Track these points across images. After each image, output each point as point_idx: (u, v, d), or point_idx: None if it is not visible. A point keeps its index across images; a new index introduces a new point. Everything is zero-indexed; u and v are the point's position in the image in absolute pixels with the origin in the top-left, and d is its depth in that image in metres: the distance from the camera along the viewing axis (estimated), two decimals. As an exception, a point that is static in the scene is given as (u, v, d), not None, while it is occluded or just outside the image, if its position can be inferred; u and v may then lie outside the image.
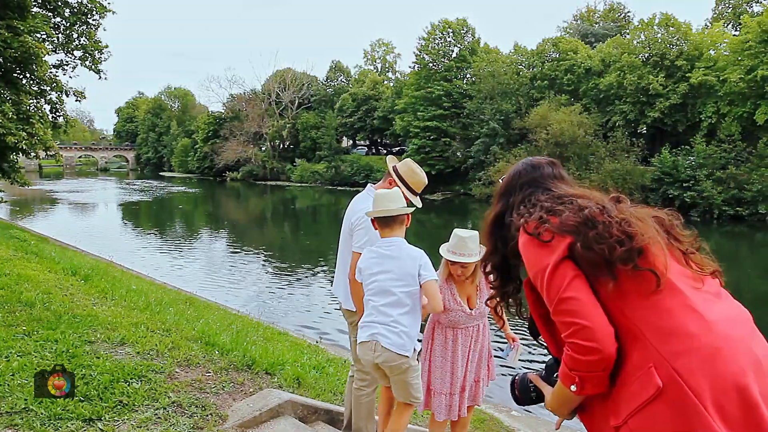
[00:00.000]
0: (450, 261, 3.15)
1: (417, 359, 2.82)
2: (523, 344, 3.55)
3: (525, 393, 1.74)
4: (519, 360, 3.47)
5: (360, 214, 3.16)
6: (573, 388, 1.47)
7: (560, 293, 1.45)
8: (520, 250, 1.63)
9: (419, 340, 2.98)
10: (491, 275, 1.85)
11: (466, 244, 3.09)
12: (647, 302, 1.44)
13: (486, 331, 3.43)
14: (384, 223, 2.84)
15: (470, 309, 3.25)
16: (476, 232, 3.13)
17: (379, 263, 2.80)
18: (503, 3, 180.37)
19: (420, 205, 3.24)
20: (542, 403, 1.70)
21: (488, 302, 1.84)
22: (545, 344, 1.66)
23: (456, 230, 3.17)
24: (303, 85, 62.92)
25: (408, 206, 2.95)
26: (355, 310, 3.24)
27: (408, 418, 3.01)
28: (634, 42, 38.53)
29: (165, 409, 3.08)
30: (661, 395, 1.35)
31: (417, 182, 3.23)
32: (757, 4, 41.11)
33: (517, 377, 1.78)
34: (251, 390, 3.62)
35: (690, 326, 1.38)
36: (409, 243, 2.92)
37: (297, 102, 62.91)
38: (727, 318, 1.43)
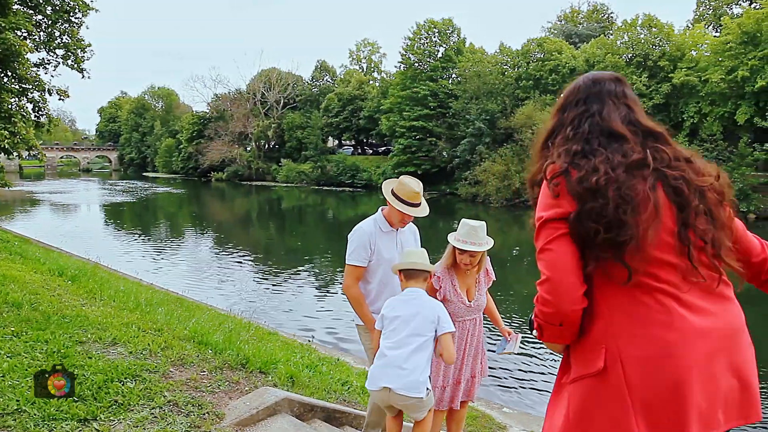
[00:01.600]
0: (459, 250, 3.16)
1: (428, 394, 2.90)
2: (522, 336, 3.59)
3: None
4: (509, 351, 3.51)
5: (353, 229, 3.42)
6: (534, 333, 1.56)
7: (543, 244, 1.49)
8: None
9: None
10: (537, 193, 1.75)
11: (477, 233, 3.13)
12: (625, 290, 1.46)
13: (481, 325, 3.45)
14: (407, 275, 3.03)
15: (469, 301, 3.28)
16: (484, 222, 3.19)
17: (399, 311, 2.95)
18: (501, 3, 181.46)
19: (424, 214, 3.37)
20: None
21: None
22: None
23: (464, 219, 3.21)
24: (288, 84, 62.63)
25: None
26: (362, 323, 3.39)
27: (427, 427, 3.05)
28: (618, 42, 38.96)
29: (161, 408, 3.04)
30: (600, 376, 1.44)
31: (407, 192, 3.31)
32: (737, 6, 41.83)
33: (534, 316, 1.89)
34: (247, 388, 3.60)
35: (655, 327, 1.41)
36: None
37: (282, 102, 62.61)
38: (703, 327, 1.42)
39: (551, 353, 9.05)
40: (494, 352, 3.62)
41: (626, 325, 1.43)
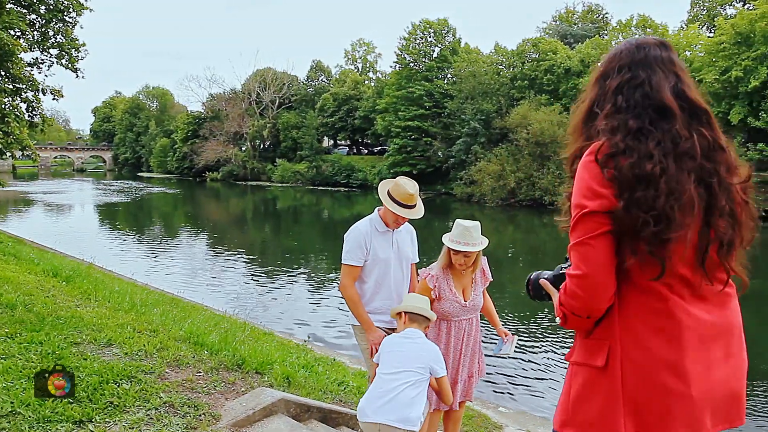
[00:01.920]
0: (453, 250, 3.18)
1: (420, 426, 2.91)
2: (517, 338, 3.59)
3: (537, 291, 1.84)
4: (506, 353, 3.51)
5: (350, 229, 3.45)
6: (557, 320, 1.57)
7: (584, 237, 1.43)
8: (580, 164, 1.50)
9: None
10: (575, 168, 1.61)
11: (470, 233, 3.14)
12: (640, 294, 1.45)
13: (478, 325, 3.46)
14: (410, 318, 3.09)
15: (465, 301, 3.29)
16: (478, 222, 3.21)
17: (398, 347, 2.98)
18: (497, 3, 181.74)
19: (419, 216, 3.39)
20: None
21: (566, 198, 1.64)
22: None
23: (458, 220, 3.22)
24: (283, 84, 62.51)
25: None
26: (358, 324, 3.42)
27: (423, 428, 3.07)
28: (613, 43, 39.08)
29: (157, 409, 3.04)
30: (599, 370, 1.47)
31: (401, 194, 3.33)
32: (731, 7, 42.04)
33: (531, 277, 1.86)
34: (243, 389, 3.59)
35: (660, 335, 1.42)
36: None
37: (277, 102, 62.51)
38: (705, 336, 1.44)
39: (548, 355, 9.06)
40: (491, 355, 3.63)
41: (633, 328, 1.44)
